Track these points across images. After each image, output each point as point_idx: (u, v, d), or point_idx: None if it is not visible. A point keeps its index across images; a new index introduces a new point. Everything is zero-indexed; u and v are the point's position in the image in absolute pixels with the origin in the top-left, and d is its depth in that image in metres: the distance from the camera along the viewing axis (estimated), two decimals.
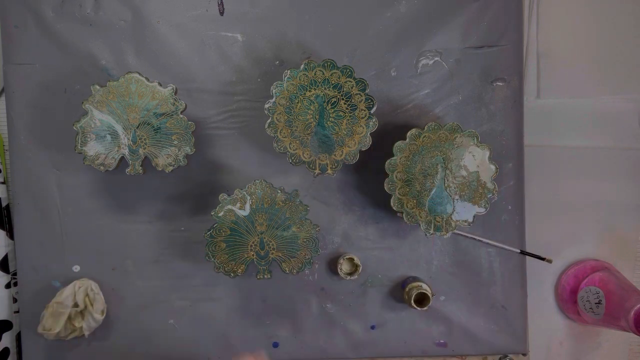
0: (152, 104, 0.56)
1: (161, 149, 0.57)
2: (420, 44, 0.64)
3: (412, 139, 0.57)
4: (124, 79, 0.56)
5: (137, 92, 0.56)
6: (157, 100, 0.56)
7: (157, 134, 0.56)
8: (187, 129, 0.57)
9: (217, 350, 0.66)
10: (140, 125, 0.56)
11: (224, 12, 0.63)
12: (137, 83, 0.56)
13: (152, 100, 0.56)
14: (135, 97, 0.56)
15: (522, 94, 0.65)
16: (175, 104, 0.56)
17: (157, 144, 0.57)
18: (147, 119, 0.56)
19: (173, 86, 0.56)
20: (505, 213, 0.65)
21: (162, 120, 0.56)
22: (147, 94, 0.56)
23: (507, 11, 0.64)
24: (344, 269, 0.64)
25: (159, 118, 0.56)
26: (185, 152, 0.57)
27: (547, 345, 0.69)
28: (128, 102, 0.56)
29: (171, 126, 0.57)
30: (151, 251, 0.64)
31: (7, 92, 0.63)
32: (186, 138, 0.57)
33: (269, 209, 0.56)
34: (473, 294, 0.66)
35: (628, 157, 0.67)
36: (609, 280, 0.63)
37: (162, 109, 0.56)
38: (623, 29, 0.66)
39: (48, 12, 0.62)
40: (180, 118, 0.57)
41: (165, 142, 0.57)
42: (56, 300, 0.61)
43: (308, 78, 0.55)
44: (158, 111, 0.56)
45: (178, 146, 0.57)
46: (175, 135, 0.57)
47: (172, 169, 0.57)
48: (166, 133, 0.57)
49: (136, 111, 0.56)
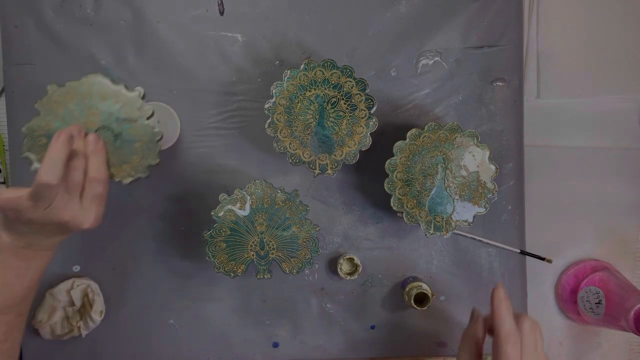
0: (115, 107, 0.51)
1: (120, 157, 0.51)
2: (420, 44, 0.64)
3: (412, 139, 0.57)
4: (86, 78, 0.52)
5: (99, 94, 0.51)
6: (121, 104, 0.51)
7: (117, 140, 0.51)
8: (153, 137, 0.52)
9: (217, 350, 0.66)
10: (98, 130, 0.51)
11: (224, 12, 0.63)
12: (100, 85, 0.51)
13: (115, 104, 0.51)
14: (96, 99, 0.51)
15: (522, 94, 0.65)
16: (141, 109, 0.52)
17: (115, 152, 0.51)
18: (107, 123, 0.51)
19: (140, 90, 0.52)
20: (505, 213, 0.65)
21: (124, 126, 0.51)
22: (110, 96, 0.51)
23: (507, 11, 0.64)
24: (344, 269, 0.64)
25: (121, 123, 0.51)
26: (148, 162, 0.52)
27: (547, 345, 0.69)
28: (88, 104, 0.51)
29: (134, 133, 0.51)
30: (151, 251, 0.64)
31: (7, 92, 0.63)
32: (150, 147, 0.52)
33: (269, 209, 0.56)
34: (473, 294, 0.66)
35: (628, 157, 0.67)
36: (609, 280, 0.63)
37: (125, 113, 0.51)
38: (623, 29, 0.66)
39: (48, 12, 0.62)
40: (146, 125, 0.51)
41: (126, 150, 0.51)
42: (49, 291, 0.62)
43: (308, 78, 0.55)
44: (121, 116, 0.51)
45: (140, 155, 0.52)
46: (138, 143, 0.51)
47: (130, 181, 0.52)
48: (128, 140, 0.51)
49: (96, 114, 0.51)
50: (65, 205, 0.46)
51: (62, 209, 0.46)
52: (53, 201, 0.45)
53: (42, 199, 0.44)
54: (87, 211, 0.48)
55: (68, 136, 0.44)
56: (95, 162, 0.48)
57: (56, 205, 0.45)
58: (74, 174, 0.47)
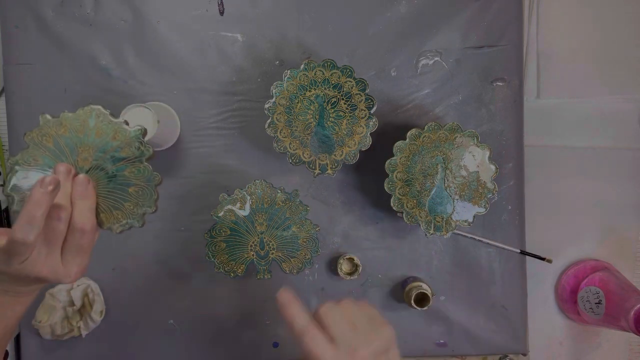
0: (111, 145, 0.45)
1: (111, 203, 0.46)
2: (420, 44, 0.64)
3: (412, 139, 0.57)
4: (82, 111, 0.46)
5: (95, 129, 0.45)
6: (119, 142, 0.45)
7: (110, 182, 0.45)
8: (151, 181, 0.46)
9: (217, 350, 0.66)
10: (90, 170, 0.45)
11: (224, 12, 0.63)
12: (98, 118, 0.45)
13: (112, 141, 0.45)
14: (92, 134, 0.45)
15: (522, 94, 0.65)
16: (140, 148, 0.45)
17: (107, 196, 0.46)
18: (101, 162, 0.45)
19: (141, 127, 0.46)
20: (505, 213, 0.65)
21: (119, 167, 0.45)
22: (107, 132, 0.45)
23: (507, 11, 0.64)
24: (344, 269, 0.64)
25: (116, 164, 0.45)
26: (142, 210, 0.46)
27: (547, 345, 0.69)
28: (81, 139, 0.45)
29: (130, 175, 0.46)
30: (151, 251, 0.64)
31: (7, 92, 0.63)
32: (147, 193, 0.46)
33: (269, 209, 0.56)
34: (473, 294, 0.66)
35: (628, 157, 0.67)
36: (609, 280, 0.63)
37: (122, 152, 0.45)
38: (623, 28, 0.66)
39: (48, 12, 0.62)
40: (144, 167, 0.46)
41: (119, 195, 0.46)
42: (49, 291, 0.62)
43: (308, 78, 0.55)
44: (117, 155, 0.45)
45: (135, 202, 0.46)
46: (133, 187, 0.46)
47: (121, 230, 0.46)
48: (122, 183, 0.46)
49: (89, 151, 0.45)
50: (43, 260, 0.40)
51: (40, 264, 0.40)
52: (29, 255, 0.39)
53: (15, 255, 0.39)
54: (69, 265, 0.42)
55: (53, 185, 0.38)
56: (82, 209, 0.43)
57: (33, 260, 0.40)
58: (56, 224, 0.41)
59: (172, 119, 0.62)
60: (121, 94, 0.63)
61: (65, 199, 0.42)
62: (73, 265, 0.42)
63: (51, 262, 0.41)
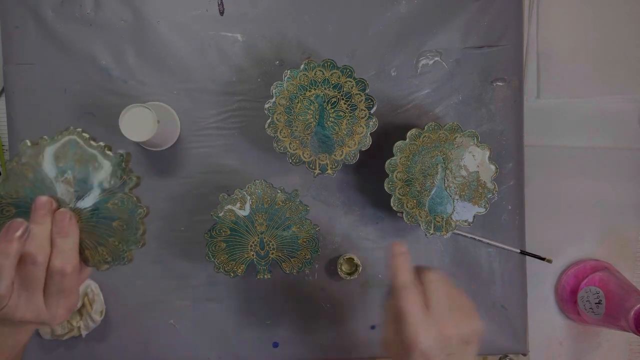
0: (93, 174, 0.42)
1: (95, 238, 0.42)
2: (420, 44, 0.64)
3: (412, 139, 0.57)
4: (60, 136, 0.42)
5: (75, 156, 0.42)
6: (100, 170, 0.42)
7: (93, 216, 0.42)
8: (134, 213, 0.42)
9: (217, 350, 0.66)
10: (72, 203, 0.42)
11: (224, 12, 0.63)
12: (77, 145, 0.42)
13: (93, 170, 0.42)
14: (71, 162, 0.42)
15: (522, 94, 0.65)
16: (123, 177, 0.41)
17: (91, 231, 0.42)
18: (83, 194, 0.42)
19: (123, 153, 0.42)
20: (505, 213, 0.65)
21: (101, 198, 0.42)
22: (88, 160, 0.41)
23: (507, 11, 0.64)
24: (344, 269, 0.64)
25: (98, 195, 0.42)
26: (128, 247, 0.42)
27: (547, 345, 0.69)
28: (62, 168, 0.42)
29: (113, 208, 0.42)
30: (151, 251, 0.64)
31: (7, 92, 0.63)
32: (131, 227, 0.42)
33: (269, 209, 0.56)
34: (473, 294, 0.66)
35: (628, 157, 0.67)
36: (609, 280, 0.63)
37: (105, 182, 0.42)
38: (623, 28, 0.66)
39: (48, 12, 0.62)
40: (127, 198, 0.42)
41: (103, 230, 0.42)
42: None
43: (308, 78, 0.55)
44: (99, 185, 0.42)
45: (119, 237, 0.42)
46: (117, 221, 0.42)
47: (108, 268, 0.43)
48: (105, 217, 0.42)
49: (70, 182, 0.41)
50: (24, 304, 0.38)
51: (21, 309, 0.38)
52: (7, 302, 0.37)
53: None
54: (53, 308, 0.39)
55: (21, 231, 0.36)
56: (63, 249, 0.39)
57: (12, 306, 0.37)
58: (31, 269, 0.37)
59: (172, 119, 0.62)
60: (121, 94, 0.63)
61: (45, 238, 0.39)
62: (57, 307, 0.39)
63: (33, 306, 0.38)
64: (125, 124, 0.55)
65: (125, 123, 0.55)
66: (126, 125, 0.55)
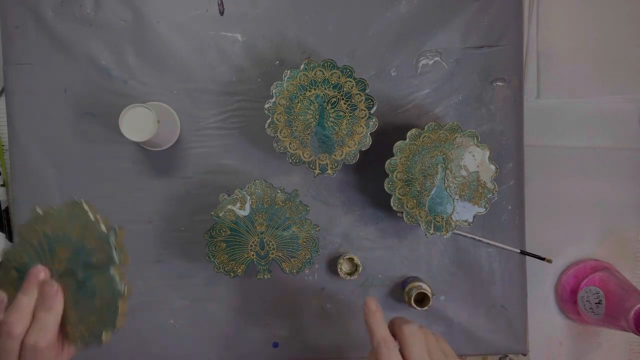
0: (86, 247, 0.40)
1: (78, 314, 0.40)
2: (420, 44, 0.64)
3: (412, 139, 0.57)
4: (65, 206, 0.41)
5: (74, 227, 0.41)
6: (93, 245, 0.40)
7: (79, 291, 0.40)
8: (115, 294, 0.40)
9: (217, 350, 0.66)
10: (63, 275, 0.41)
11: (224, 12, 0.63)
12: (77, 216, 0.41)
13: (86, 243, 0.40)
14: (69, 232, 0.41)
15: (522, 94, 0.65)
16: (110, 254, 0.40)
17: (76, 306, 0.40)
18: (73, 266, 0.40)
19: (115, 228, 0.41)
20: (505, 213, 0.65)
21: (88, 273, 0.40)
22: (84, 232, 0.41)
23: (507, 11, 0.64)
24: (344, 269, 0.64)
25: (86, 270, 0.40)
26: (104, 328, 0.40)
27: (547, 345, 0.69)
28: (60, 236, 0.41)
29: (97, 285, 0.40)
30: (151, 251, 0.64)
31: (7, 92, 0.63)
32: (110, 308, 0.40)
33: (269, 209, 0.56)
34: (473, 294, 0.66)
35: (628, 157, 0.67)
36: (609, 280, 0.63)
37: (94, 257, 0.40)
38: (623, 28, 0.66)
39: (48, 12, 0.62)
40: (110, 277, 0.39)
41: (85, 306, 0.40)
42: None
43: (308, 78, 0.55)
44: (89, 260, 0.40)
45: (98, 316, 0.40)
46: (98, 299, 0.40)
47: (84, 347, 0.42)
48: (90, 293, 0.40)
49: (65, 253, 0.40)
50: None
51: None
52: None
53: None
54: None
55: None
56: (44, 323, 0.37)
57: None
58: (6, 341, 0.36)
59: (172, 119, 0.62)
60: (121, 94, 0.63)
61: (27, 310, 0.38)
62: None
63: None
64: (125, 124, 0.55)
65: (125, 123, 0.55)
66: (126, 125, 0.55)
